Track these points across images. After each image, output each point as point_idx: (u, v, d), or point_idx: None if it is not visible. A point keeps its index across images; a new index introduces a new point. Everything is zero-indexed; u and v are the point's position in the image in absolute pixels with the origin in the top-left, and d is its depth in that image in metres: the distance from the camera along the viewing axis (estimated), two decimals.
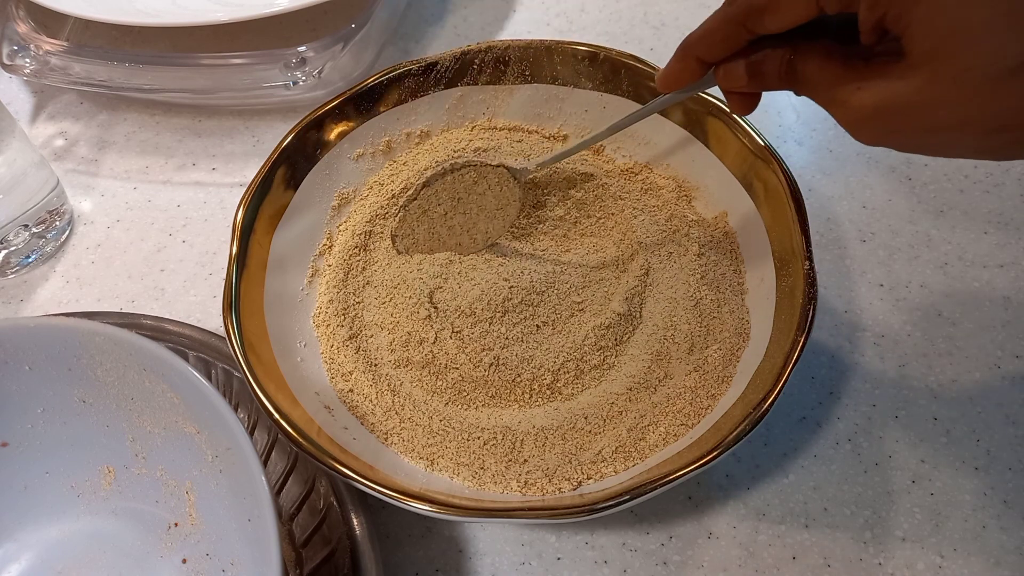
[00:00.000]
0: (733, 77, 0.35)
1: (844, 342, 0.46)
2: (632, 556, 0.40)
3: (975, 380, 0.44)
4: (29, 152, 0.50)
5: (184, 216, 0.54)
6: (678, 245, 0.45)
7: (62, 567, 0.38)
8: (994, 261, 0.48)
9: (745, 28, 0.33)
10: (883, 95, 0.29)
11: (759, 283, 0.43)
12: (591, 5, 0.64)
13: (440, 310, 0.43)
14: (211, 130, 0.58)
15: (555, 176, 0.47)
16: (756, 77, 0.34)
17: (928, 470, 0.42)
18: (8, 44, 0.55)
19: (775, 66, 0.33)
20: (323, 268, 0.46)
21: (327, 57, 0.52)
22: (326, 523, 0.38)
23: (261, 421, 0.42)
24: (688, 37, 0.36)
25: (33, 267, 0.52)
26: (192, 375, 0.33)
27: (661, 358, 0.42)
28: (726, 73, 0.35)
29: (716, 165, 0.45)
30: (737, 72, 0.35)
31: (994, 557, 0.39)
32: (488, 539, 0.41)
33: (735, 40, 0.34)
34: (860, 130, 0.30)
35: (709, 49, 0.35)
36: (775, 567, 0.39)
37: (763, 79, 0.34)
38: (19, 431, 0.38)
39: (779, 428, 0.43)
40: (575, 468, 0.39)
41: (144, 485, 0.38)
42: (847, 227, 0.50)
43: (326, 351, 0.44)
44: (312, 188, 0.46)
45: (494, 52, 0.49)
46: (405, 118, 0.49)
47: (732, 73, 0.35)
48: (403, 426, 0.41)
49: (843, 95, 0.30)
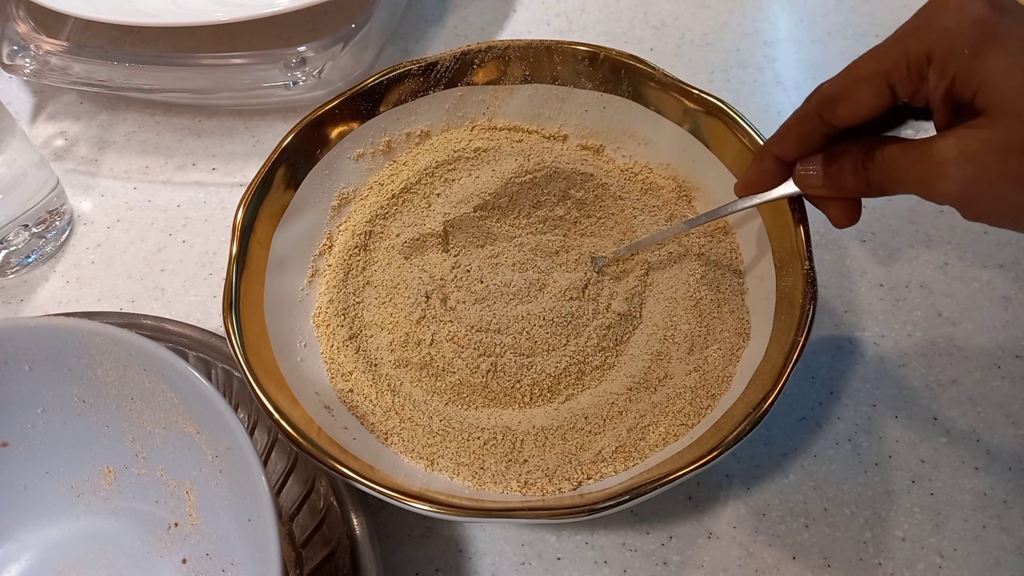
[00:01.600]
0: (809, 176, 0.34)
1: (844, 342, 0.46)
2: (632, 556, 0.40)
3: (975, 380, 0.44)
4: (29, 152, 0.50)
5: (184, 216, 0.54)
6: (678, 245, 0.45)
7: (62, 567, 0.38)
8: (994, 261, 0.48)
9: (820, 120, 0.32)
10: (966, 141, 0.28)
11: (759, 283, 0.43)
12: (591, 5, 0.64)
13: (437, 313, 0.43)
14: (211, 130, 0.58)
15: (555, 176, 0.47)
16: (832, 174, 0.33)
17: (928, 470, 0.42)
18: (8, 44, 0.55)
19: (851, 159, 0.32)
20: (323, 268, 0.46)
21: (327, 57, 0.52)
22: (326, 523, 0.38)
23: (261, 421, 0.42)
24: (767, 140, 0.35)
25: (33, 267, 0.52)
26: (192, 375, 0.33)
27: (661, 358, 0.42)
28: (802, 171, 0.34)
29: (716, 165, 0.45)
30: (813, 169, 0.34)
31: (994, 557, 0.39)
32: (488, 539, 0.41)
33: (811, 137, 0.33)
34: (942, 179, 0.29)
35: (784, 147, 0.35)
36: (775, 567, 0.39)
37: (840, 175, 0.33)
38: (19, 431, 0.38)
39: (779, 428, 0.43)
40: (575, 468, 0.39)
41: (144, 485, 0.38)
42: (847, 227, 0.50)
43: (326, 351, 0.44)
44: (312, 188, 0.46)
45: (494, 52, 0.49)
46: (405, 118, 0.49)
47: (808, 170, 0.34)
48: (403, 426, 0.41)
49: (923, 149, 0.29)
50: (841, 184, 0.33)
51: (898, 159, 0.30)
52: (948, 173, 0.28)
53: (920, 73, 0.30)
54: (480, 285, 0.44)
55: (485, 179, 0.47)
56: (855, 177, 0.33)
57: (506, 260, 0.46)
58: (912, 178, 0.30)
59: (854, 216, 0.35)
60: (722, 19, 0.62)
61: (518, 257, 0.46)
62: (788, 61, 0.59)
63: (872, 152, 0.32)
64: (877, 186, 0.32)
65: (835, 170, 0.33)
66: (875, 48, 0.31)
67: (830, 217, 0.36)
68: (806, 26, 0.61)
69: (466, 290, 0.44)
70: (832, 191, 0.34)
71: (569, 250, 0.46)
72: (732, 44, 0.61)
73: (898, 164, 0.30)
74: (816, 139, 0.34)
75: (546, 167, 0.47)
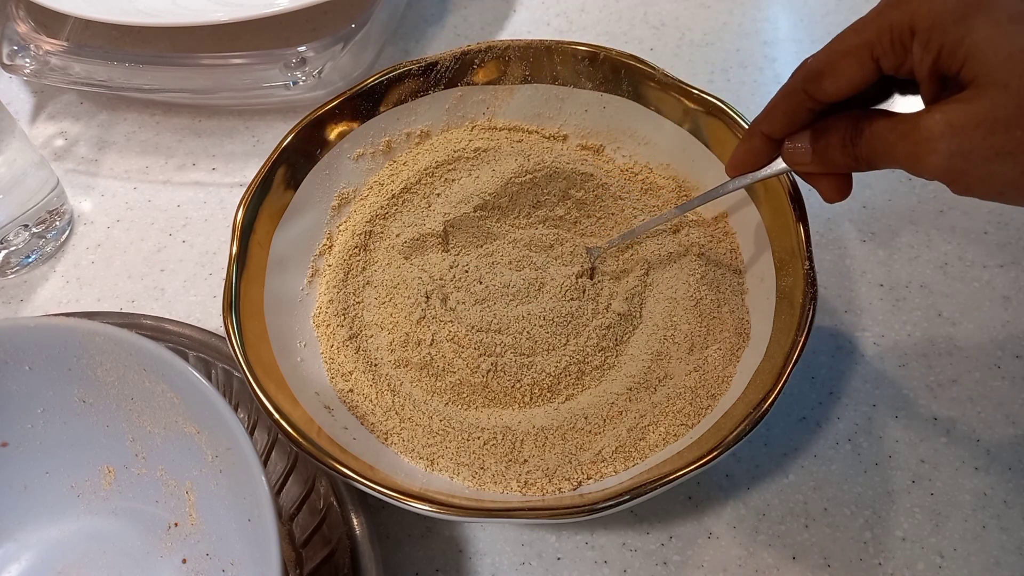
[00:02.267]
0: (797, 152, 0.34)
1: (844, 342, 0.46)
2: (632, 556, 0.40)
3: (975, 380, 0.44)
4: (29, 152, 0.50)
5: (184, 216, 0.54)
6: (678, 245, 0.45)
7: (62, 567, 0.38)
8: (994, 261, 0.48)
9: (806, 95, 0.32)
10: (954, 114, 0.28)
11: (759, 283, 0.43)
12: (591, 5, 0.64)
13: (437, 313, 0.43)
14: (211, 130, 0.58)
15: (555, 176, 0.47)
16: (821, 150, 0.33)
17: (928, 470, 0.42)
18: (8, 44, 0.55)
19: (839, 135, 0.32)
20: (323, 268, 0.46)
21: (327, 57, 0.52)
22: (326, 523, 0.38)
23: (261, 421, 0.42)
24: (755, 118, 0.35)
25: (33, 267, 0.52)
26: (192, 375, 0.33)
27: (661, 358, 0.42)
28: (790, 147, 0.34)
29: (716, 165, 0.45)
30: (801, 145, 0.34)
31: (994, 557, 0.39)
32: (488, 539, 0.41)
33: (797, 112, 0.33)
34: (930, 153, 0.28)
35: (772, 124, 0.34)
36: (775, 567, 0.39)
37: (828, 150, 0.33)
38: (19, 431, 0.38)
39: (779, 428, 0.43)
40: (575, 468, 0.39)
41: (144, 485, 0.38)
42: (847, 227, 0.50)
43: (326, 351, 0.44)
44: (312, 188, 0.46)
45: (494, 52, 0.49)
46: (405, 118, 0.49)
47: (796, 146, 0.34)
48: (403, 426, 0.41)
49: (910, 124, 0.29)
50: (829, 159, 0.33)
51: (885, 134, 0.30)
52: (935, 148, 0.28)
53: (904, 45, 0.29)
54: (480, 286, 0.44)
55: (485, 179, 0.47)
56: (843, 152, 0.32)
57: (502, 258, 0.46)
58: (900, 153, 0.29)
59: (845, 190, 0.35)
60: (722, 19, 0.62)
61: (513, 254, 0.46)
62: (788, 61, 0.59)
63: (860, 127, 0.31)
64: (865, 161, 0.31)
65: (823, 146, 0.33)
66: (859, 20, 0.31)
67: (821, 192, 0.35)
68: (806, 26, 0.61)
69: (466, 290, 0.44)
70: (821, 167, 0.34)
71: (564, 243, 0.46)
72: (732, 44, 0.61)
73: (885, 139, 0.30)
74: (803, 115, 0.33)
75: (546, 167, 0.47)
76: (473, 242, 0.47)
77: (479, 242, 0.47)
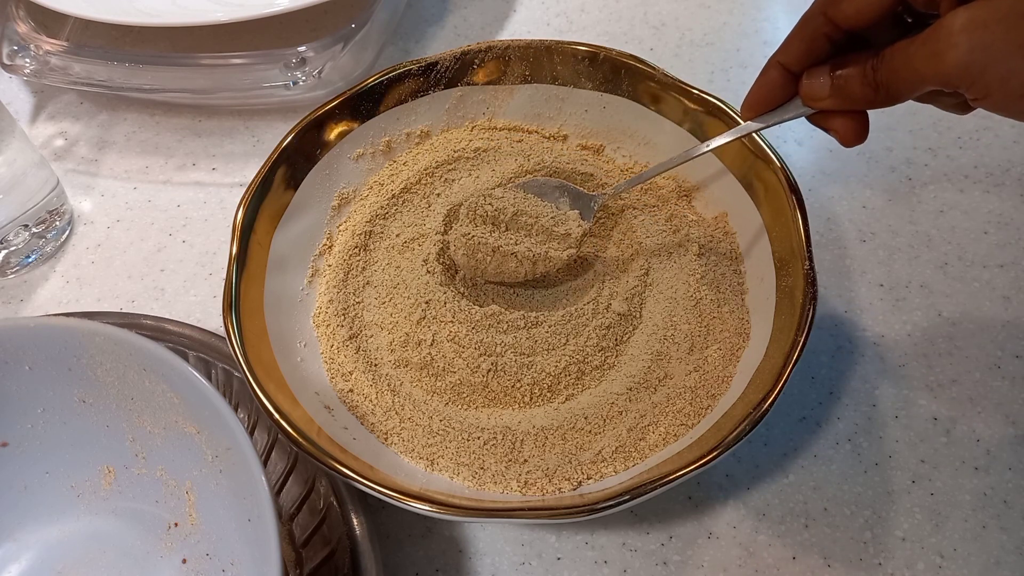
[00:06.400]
0: (815, 86, 0.33)
1: (844, 342, 0.46)
2: (632, 556, 0.40)
3: (975, 380, 0.44)
4: (29, 152, 0.50)
5: (184, 216, 0.54)
6: (678, 245, 0.45)
7: (62, 567, 0.38)
8: (994, 261, 0.48)
9: (826, 19, 0.31)
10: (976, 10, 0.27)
11: (759, 283, 0.43)
12: (591, 5, 0.64)
13: (437, 314, 0.43)
14: (211, 130, 0.58)
15: (555, 176, 0.47)
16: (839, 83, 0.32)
17: (928, 470, 0.42)
18: (8, 44, 0.55)
19: (859, 66, 0.31)
20: (323, 268, 0.46)
21: (327, 57, 0.52)
22: (326, 523, 0.38)
23: (261, 421, 0.42)
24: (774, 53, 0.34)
25: (33, 267, 0.52)
26: (192, 375, 0.33)
27: (661, 358, 0.42)
28: (808, 81, 0.33)
29: (716, 165, 0.45)
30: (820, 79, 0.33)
31: (994, 557, 0.39)
32: (488, 539, 0.41)
33: (816, 40, 0.32)
34: (950, 48, 0.28)
35: (790, 53, 0.33)
36: (775, 567, 0.39)
37: (847, 82, 0.32)
38: (19, 431, 0.38)
39: (779, 428, 0.43)
40: (575, 468, 0.39)
41: (144, 485, 0.38)
42: (847, 227, 0.50)
43: (326, 351, 0.44)
44: (312, 188, 0.46)
45: (494, 52, 0.49)
46: (405, 118, 0.49)
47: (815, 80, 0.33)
48: (403, 426, 0.41)
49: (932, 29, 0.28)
50: (848, 92, 0.32)
51: (906, 47, 0.29)
52: (956, 42, 0.28)
53: None
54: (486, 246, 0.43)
55: (485, 179, 0.47)
56: (863, 82, 0.31)
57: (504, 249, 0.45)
58: (920, 59, 0.29)
59: (862, 133, 0.34)
60: (722, 19, 0.62)
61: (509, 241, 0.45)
62: None
63: (880, 54, 0.31)
64: (885, 87, 0.31)
65: (842, 78, 0.32)
66: None
67: (838, 136, 0.34)
68: None
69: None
70: (839, 102, 0.33)
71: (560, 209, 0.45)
72: (732, 44, 0.61)
73: (906, 51, 0.29)
74: (821, 43, 0.32)
75: (546, 167, 0.47)
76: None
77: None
